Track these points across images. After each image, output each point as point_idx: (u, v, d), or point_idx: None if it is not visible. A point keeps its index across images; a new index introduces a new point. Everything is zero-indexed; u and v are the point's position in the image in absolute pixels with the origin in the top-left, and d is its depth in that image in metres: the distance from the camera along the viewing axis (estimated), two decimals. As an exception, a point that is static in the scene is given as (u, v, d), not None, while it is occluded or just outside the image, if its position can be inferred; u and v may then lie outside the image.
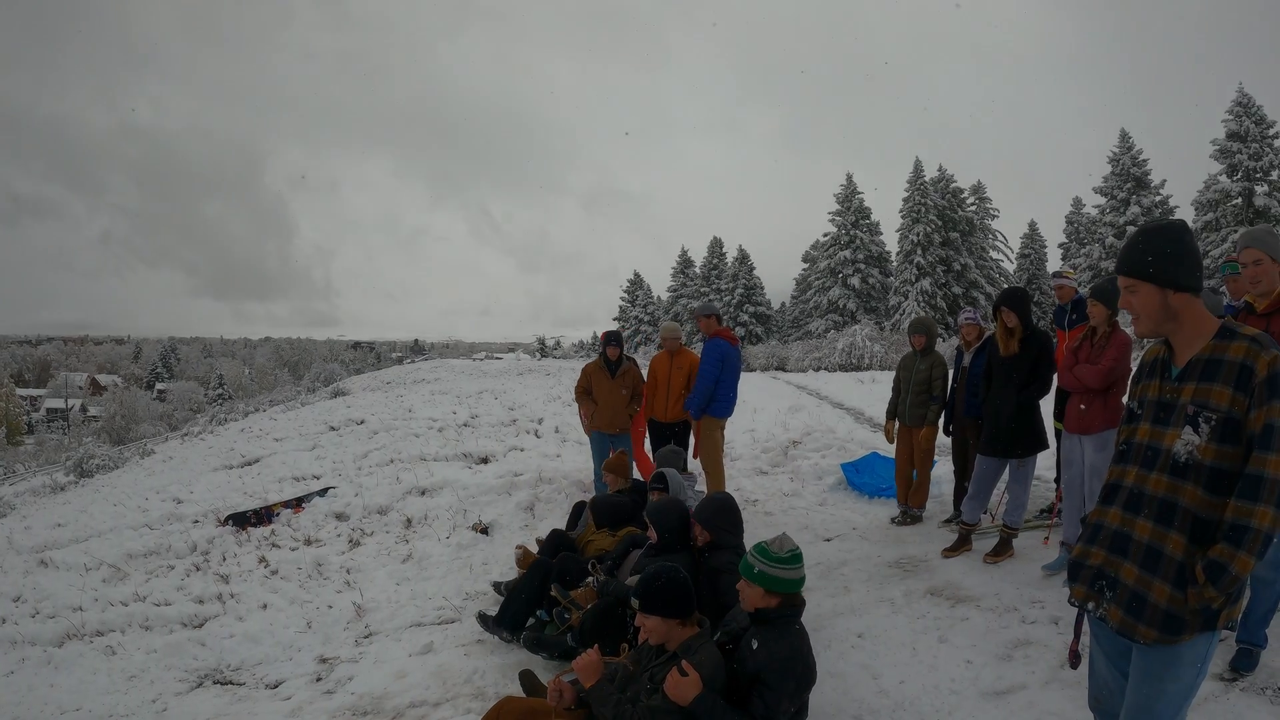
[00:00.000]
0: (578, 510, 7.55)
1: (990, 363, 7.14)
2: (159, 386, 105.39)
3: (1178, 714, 2.85)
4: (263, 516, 10.92)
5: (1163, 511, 2.73)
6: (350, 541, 9.19)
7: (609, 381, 9.37)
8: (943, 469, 9.53)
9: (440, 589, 7.34)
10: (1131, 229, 45.20)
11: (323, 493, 11.49)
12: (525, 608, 5.86)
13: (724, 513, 5.32)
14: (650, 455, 9.66)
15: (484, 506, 9.87)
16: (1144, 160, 47.71)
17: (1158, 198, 46.73)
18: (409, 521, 9.71)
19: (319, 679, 5.98)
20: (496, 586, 6.91)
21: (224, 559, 9.40)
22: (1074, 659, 3.26)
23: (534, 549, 6.93)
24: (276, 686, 6.03)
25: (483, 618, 6.07)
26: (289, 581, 8.06)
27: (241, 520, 10.88)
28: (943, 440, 8.70)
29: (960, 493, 8.24)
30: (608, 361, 9.47)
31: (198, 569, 9.19)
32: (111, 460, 34.64)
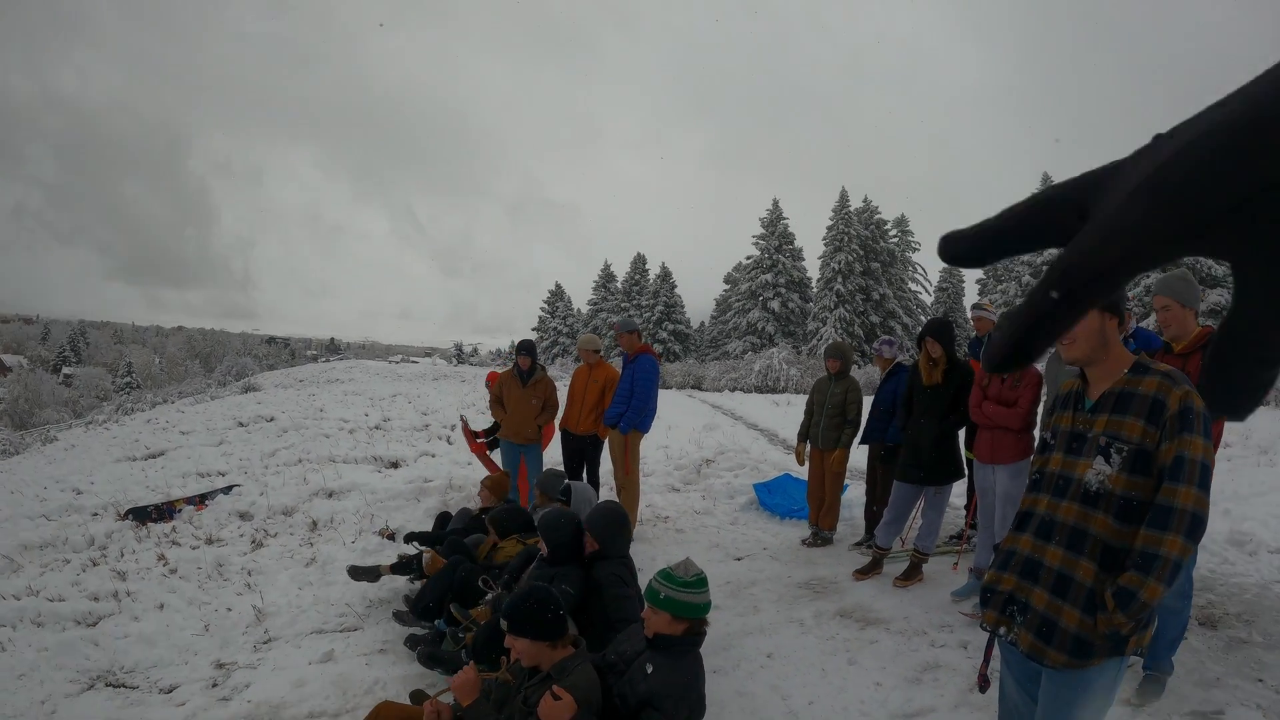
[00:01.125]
0: (442, 520, 7.47)
1: (911, 391, 7.23)
2: (66, 371, 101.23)
3: None
4: (164, 512, 10.53)
5: (1073, 539, 2.76)
6: (253, 542, 8.89)
7: (519, 391, 9.22)
8: (853, 493, 9.66)
9: (344, 595, 7.10)
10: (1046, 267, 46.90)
11: (227, 490, 11.15)
12: (438, 601, 5.76)
13: (611, 522, 5.21)
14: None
15: (392, 511, 9.70)
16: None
17: (1072, 227, 47.88)
18: (314, 524, 9.45)
19: (215, 685, 5.72)
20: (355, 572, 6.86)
21: (122, 554, 9.00)
22: (983, 683, 3.30)
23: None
24: (171, 691, 5.74)
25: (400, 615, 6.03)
26: (188, 581, 7.72)
27: (142, 515, 10.48)
28: (853, 464, 8.81)
29: (871, 515, 8.37)
30: (520, 371, 9.33)
31: (94, 564, 8.79)
32: (12, 445, 33.32)
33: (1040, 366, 7.13)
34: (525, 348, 9.48)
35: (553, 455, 9.94)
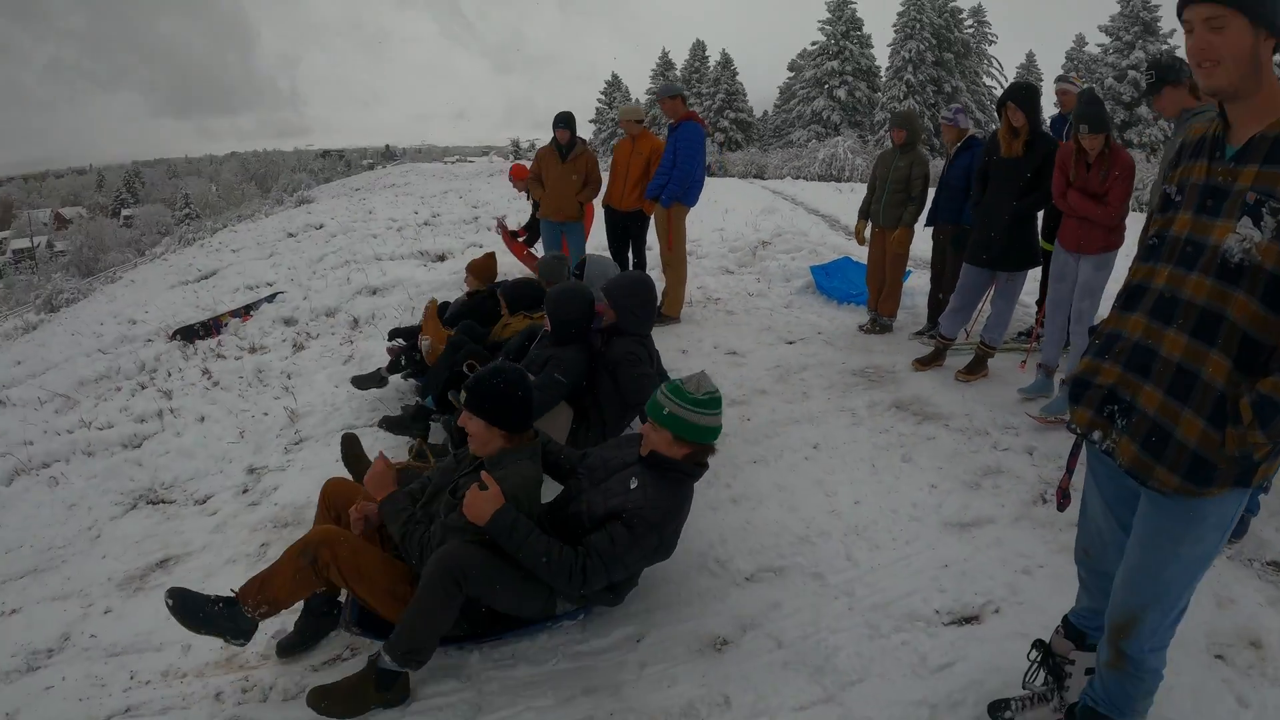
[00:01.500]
0: (440, 310, 7.01)
1: (986, 165, 6.40)
2: (125, 213, 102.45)
3: (1189, 586, 2.32)
4: (210, 328, 10.55)
5: (1203, 323, 2.09)
6: (294, 346, 8.83)
7: (559, 167, 8.57)
8: (916, 280, 9.06)
9: (379, 389, 6.89)
10: (1134, 74, 43.63)
11: (271, 299, 11.09)
12: (441, 387, 5.44)
13: (633, 292, 4.76)
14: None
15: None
16: (1155, 5, 45.09)
17: (1165, 46, 44.05)
18: (355, 322, 9.33)
19: (245, 490, 5.72)
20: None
21: (169, 375, 9.07)
22: (1063, 500, 2.72)
23: None
24: (204, 501, 5.76)
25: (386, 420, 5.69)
26: (229, 392, 7.73)
27: (189, 334, 10.50)
28: (918, 250, 8.18)
29: (935, 303, 7.79)
30: (558, 146, 8.61)
31: (143, 388, 8.89)
32: (80, 292, 33.99)
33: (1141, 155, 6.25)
34: (563, 120, 8.62)
35: (598, 239, 9.40)
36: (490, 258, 7.55)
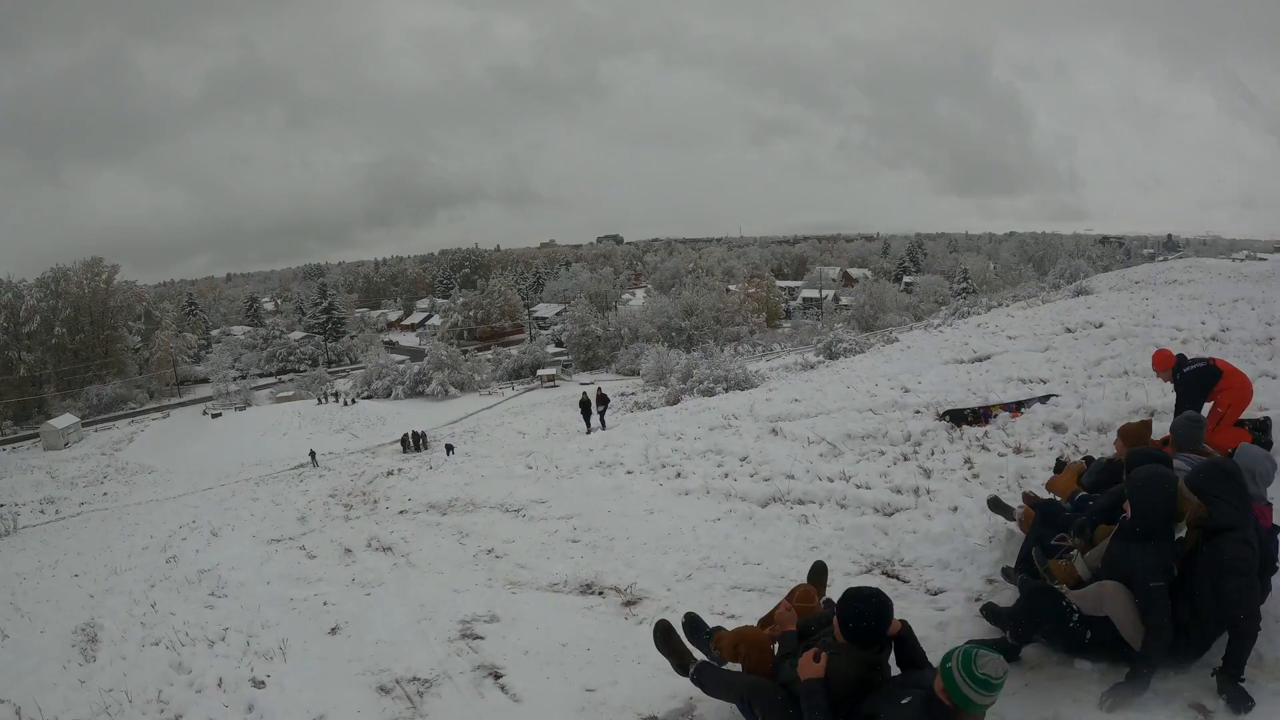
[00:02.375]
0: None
1: None
2: (906, 279, 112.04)
3: None
4: (980, 416, 10.71)
5: None
6: (1060, 459, 8.36)
7: None
8: None
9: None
10: None
11: (1044, 399, 10.85)
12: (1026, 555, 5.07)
13: (1223, 479, 4.04)
14: None
15: None
16: None
17: None
18: None
19: (977, 599, 5.62)
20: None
21: (932, 453, 9.48)
22: None
23: None
24: (936, 594, 5.86)
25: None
26: (987, 488, 7.73)
27: (958, 417, 10.82)
28: None
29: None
30: None
31: (905, 459, 9.43)
32: (857, 345, 37.89)
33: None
34: None
35: None
36: (1145, 425, 6.07)
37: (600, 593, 7.44)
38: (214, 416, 65.83)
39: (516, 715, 5.32)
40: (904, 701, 3.60)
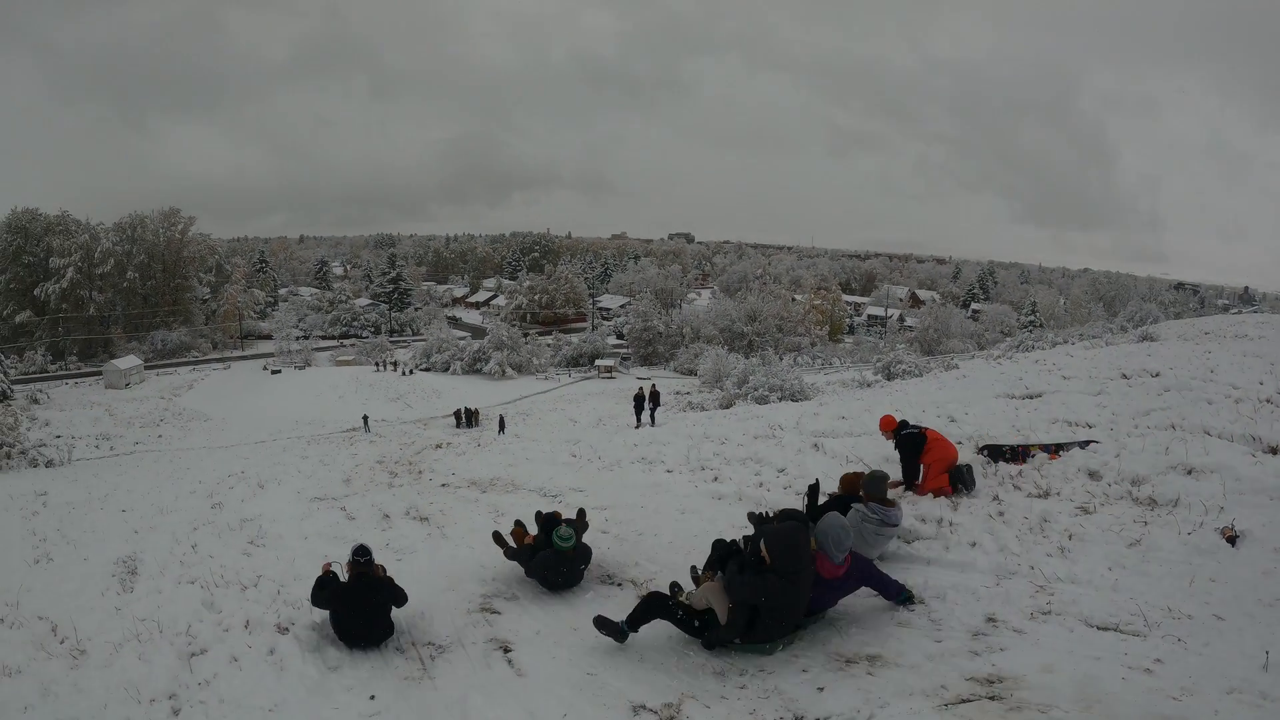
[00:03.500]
0: None
1: None
2: (974, 306, 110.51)
3: None
4: (1018, 454, 10.68)
5: None
6: (1081, 508, 8.25)
7: None
8: None
9: (1160, 585, 6.20)
10: None
11: (1084, 444, 10.76)
12: None
13: (777, 540, 5.91)
14: None
15: (1252, 509, 7.68)
16: None
17: None
18: (1152, 502, 8.23)
19: (975, 635, 5.76)
20: None
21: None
22: None
23: None
24: (939, 626, 6.03)
25: None
26: (1009, 528, 7.73)
27: (996, 453, 10.82)
28: None
29: None
30: None
31: (938, 491, 9.43)
32: (916, 368, 37.53)
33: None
34: None
35: None
36: (856, 475, 7.47)
37: (619, 584, 7.71)
38: (273, 373, 67.83)
39: (518, 687, 5.64)
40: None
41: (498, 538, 8.50)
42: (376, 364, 70.75)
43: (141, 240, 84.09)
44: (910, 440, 9.36)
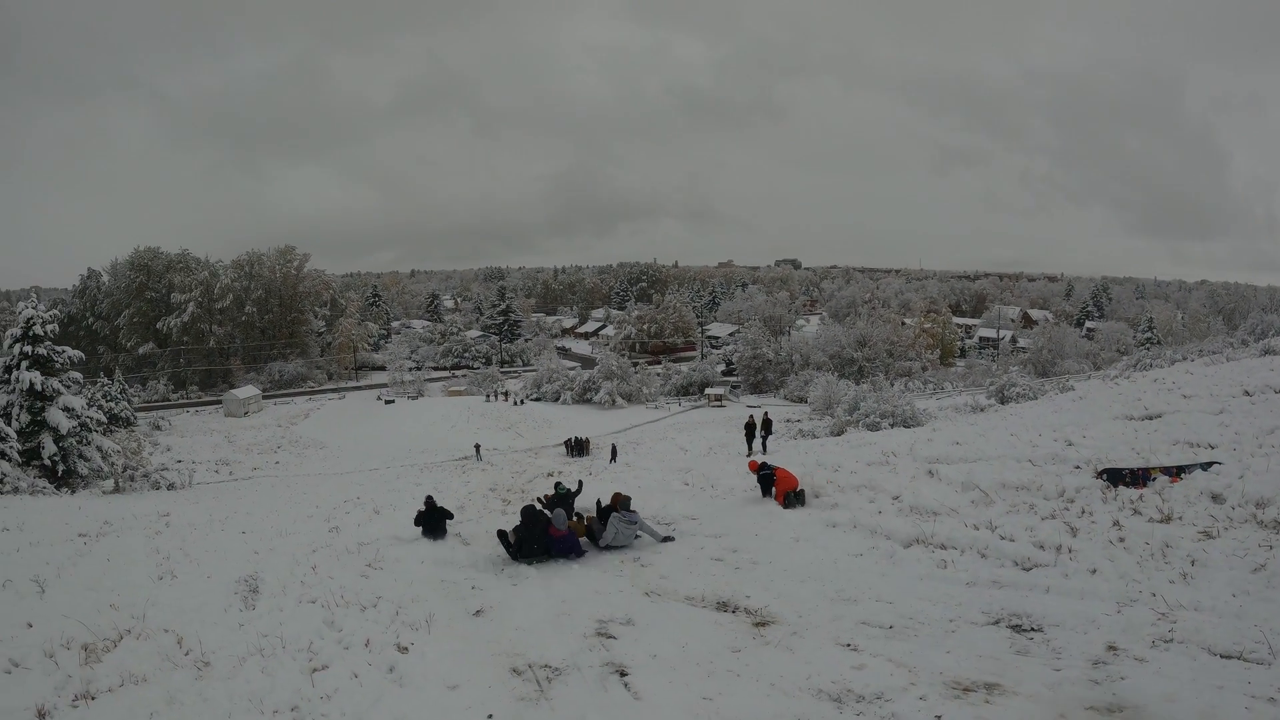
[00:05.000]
0: None
1: None
2: (1088, 325, 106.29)
3: None
4: (1138, 477, 10.40)
5: None
6: (1204, 533, 7.96)
7: None
8: None
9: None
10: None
11: (1206, 466, 10.39)
12: None
13: (533, 516, 10.99)
14: None
15: None
16: None
17: None
18: (1278, 525, 7.92)
19: (1096, 663, 5.61)
20: None
21: (1082, 512, 9.27)
22: None
23: None
24: (1059, 654, 5.88)
25: None
26: (1130, 555, 7.54)
27: (1116, 477, 10.56)
28: None
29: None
30: None
31: (1053, 516, 9.24)
32: (1030, 391, 36.34)
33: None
34: None
35: None
36: (619, 496, 8.30)
37: (734, 611, 7.72)
38: (387, 403, 69.65)
39: (634, 711, 5.68)
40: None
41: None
42: (487, 394, 71.91)
43: (259, 276, 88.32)
44: (765, 477, 14.07)
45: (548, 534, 10.86)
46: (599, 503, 12.07)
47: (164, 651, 6.95)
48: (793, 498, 12.95)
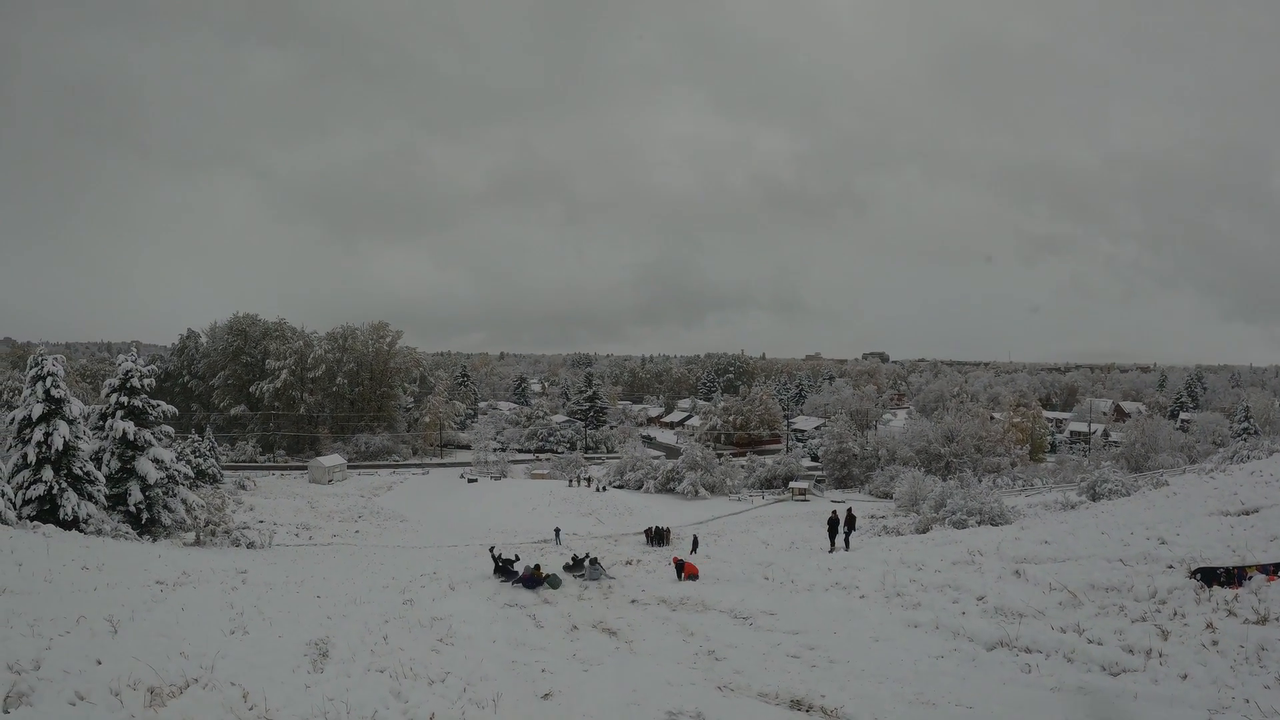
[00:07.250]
0: None
1: None
2: (1182, 416, 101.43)
3: None
4: (1234, 576, 9.80)
5: None
6: None
7: None
8: None
9: None
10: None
11: (1307, 565, 9.75)
12: None
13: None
14: None
15: None
16: None
17: None
18: None
19: None
20: None
21: (1174, 614, 8.73)
22: None
23: None
24: None
25: None
26: (1223, 659, 7.04)
27: (1210, 576, 9.96)
28: None
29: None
30: None
31: (1144, 618, 8.72)
32: (1123, 487, 34.76)
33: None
34: None
35: None
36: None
37: (808, 709, 7.43)
38: (470, 481, 69.63)
39: None
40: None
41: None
42: (570, 479, 71.42)
43: (351, 349, 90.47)
44: (679, 566, 19.71)
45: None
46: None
47: (228, 703, 6.97)
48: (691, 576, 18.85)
